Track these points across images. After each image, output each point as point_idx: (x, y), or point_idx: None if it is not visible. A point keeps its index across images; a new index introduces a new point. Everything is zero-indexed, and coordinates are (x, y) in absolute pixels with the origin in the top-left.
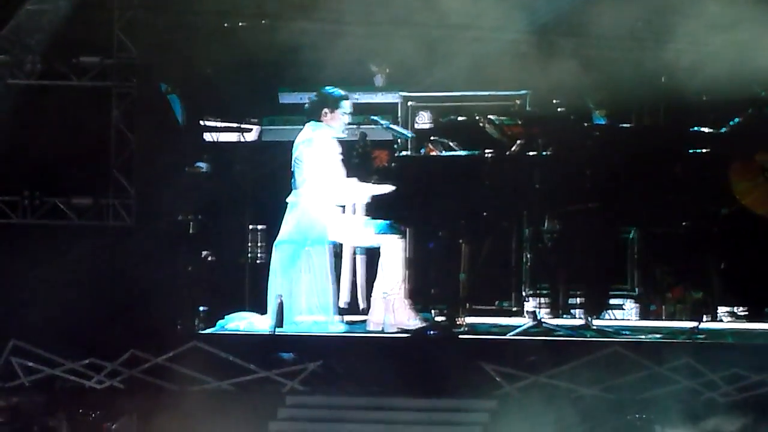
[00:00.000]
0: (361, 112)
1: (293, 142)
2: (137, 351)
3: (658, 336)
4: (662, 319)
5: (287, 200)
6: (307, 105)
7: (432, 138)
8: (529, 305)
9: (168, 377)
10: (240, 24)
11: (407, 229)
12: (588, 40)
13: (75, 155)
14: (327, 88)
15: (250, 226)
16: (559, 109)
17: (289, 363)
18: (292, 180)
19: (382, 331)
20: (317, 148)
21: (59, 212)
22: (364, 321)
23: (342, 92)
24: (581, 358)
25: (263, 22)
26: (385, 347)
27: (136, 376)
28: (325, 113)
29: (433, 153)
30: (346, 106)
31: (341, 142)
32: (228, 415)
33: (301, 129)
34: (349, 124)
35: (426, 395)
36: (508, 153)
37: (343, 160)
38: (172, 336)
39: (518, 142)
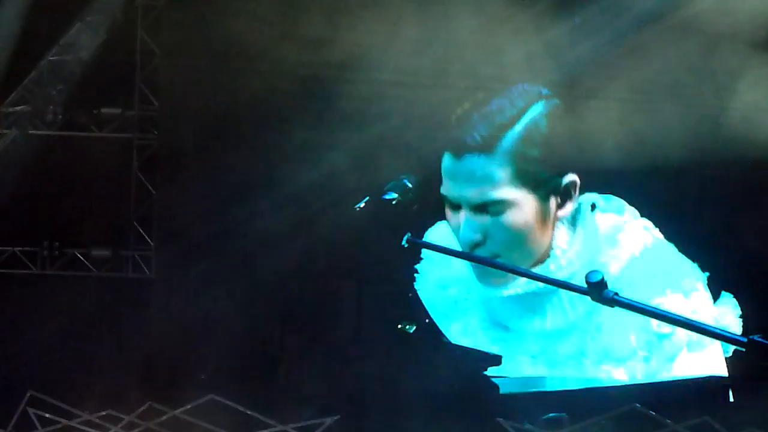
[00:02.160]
0: None
1: None
2: (154, 403)
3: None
4: None
5: None
6: None
7: None
8: None
9: (185, 430)
10: (263, 69)
11: None
12: (612, 96)
13: (95, 206)
14: None
15: None
16: None
17: (306, 417)
18: None
19: None
20: None
21: (78, 263)
22: None
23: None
24: (600, 415)
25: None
26: (405, 400)
27: (153, 429)
28: None
29: None
30: None
31: None
32: None
33: None
34: None
35: None
36: None
37: None
38: (190, 387)
39: None
